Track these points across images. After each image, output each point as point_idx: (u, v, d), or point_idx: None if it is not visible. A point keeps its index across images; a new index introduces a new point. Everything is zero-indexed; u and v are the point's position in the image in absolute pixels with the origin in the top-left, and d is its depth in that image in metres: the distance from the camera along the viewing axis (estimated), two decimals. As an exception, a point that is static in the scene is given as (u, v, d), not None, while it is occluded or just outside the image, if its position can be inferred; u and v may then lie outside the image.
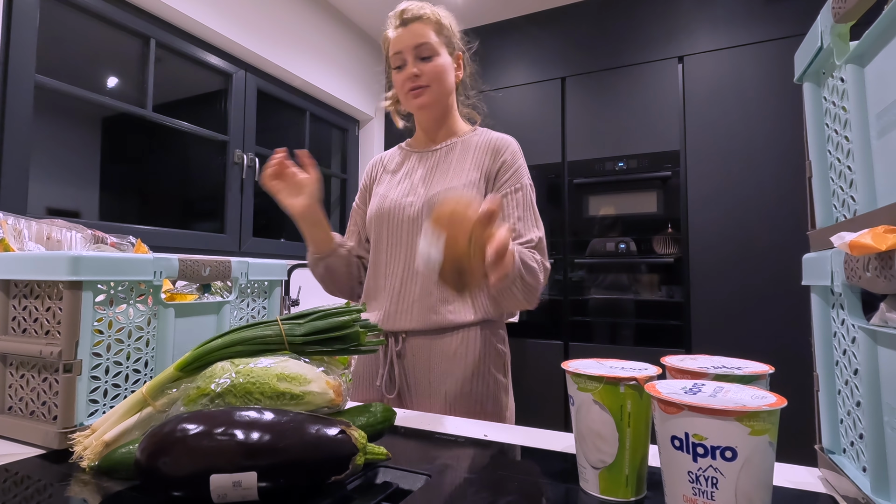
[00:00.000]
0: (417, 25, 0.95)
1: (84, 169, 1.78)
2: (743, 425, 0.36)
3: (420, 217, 0.94)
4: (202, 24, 1.99)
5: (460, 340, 0.92)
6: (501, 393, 0.94)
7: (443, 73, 0.96)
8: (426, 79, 0.95)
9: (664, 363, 0.53)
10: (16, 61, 1.47)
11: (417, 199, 0.95)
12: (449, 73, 0.98)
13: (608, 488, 0.47)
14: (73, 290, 0.60)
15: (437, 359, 0.92)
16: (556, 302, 2.41)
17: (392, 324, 0.93)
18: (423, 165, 1.01)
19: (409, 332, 0.93)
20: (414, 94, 0.96)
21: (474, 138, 1.01)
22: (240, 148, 2.26)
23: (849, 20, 0.45)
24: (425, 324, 0.92)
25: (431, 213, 0.62)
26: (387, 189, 1.02)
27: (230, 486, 0.43)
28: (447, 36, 0.98)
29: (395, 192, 1.00)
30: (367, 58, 3.00)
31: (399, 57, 0.96)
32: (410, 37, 0.94)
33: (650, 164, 2.26)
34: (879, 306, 0.40)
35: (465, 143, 1.00)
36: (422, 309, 0.92)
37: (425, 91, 0.96)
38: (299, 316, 0.63)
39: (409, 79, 0.96)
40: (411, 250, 0.94)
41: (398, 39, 0.96)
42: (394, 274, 0.96)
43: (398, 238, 0.96)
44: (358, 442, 0.48)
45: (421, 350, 0.93)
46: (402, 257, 0.95)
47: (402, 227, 0.96)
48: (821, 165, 0.53)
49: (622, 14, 2.38)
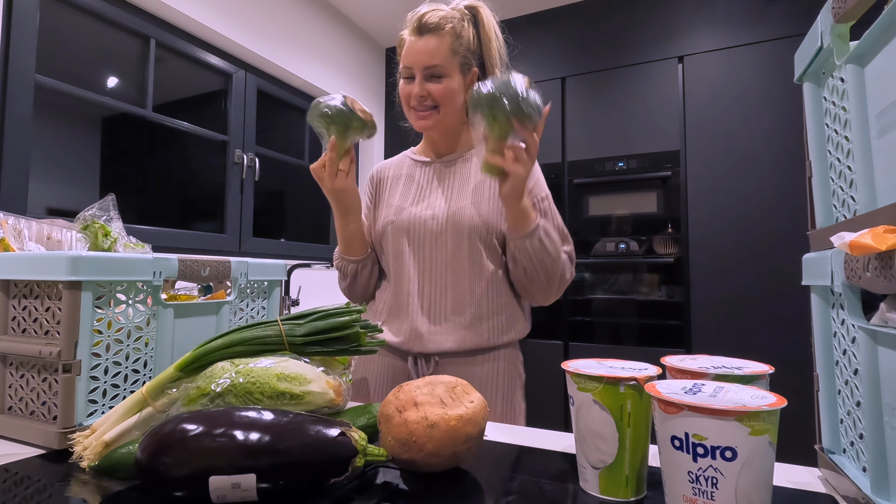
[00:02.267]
0: (432, 40, 0.88)
1: (84, 169, 1.77)
2: (743, 425, 0.36)
3: (443, 233, 0.91)
4: (202, 24, 1.99)
5: (491, 364, 0.90)
6: (520, 418, 0.93)
7: (451, 95, 0.91)
8: (432, 100, 0.91)
9: (664, 363, 0.53)
10: (16, 61, 1.47)
11: (440, 214, 0.92)
12: (458, 95, 0.92)
13: (608, 488, 0.47)
14: (72, 291, 0.60)
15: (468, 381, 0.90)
16: (556, 302, 2.39)
17: (423, 344, 0.89)
18: (439, 178, 0.97)
19: (443, 353, 0.89)
20: (419, 115, 0.93)
21: None
22: (240, 148, 2.26)
23: (849, 20, 0.45)
24: (461, 344, 0.88)
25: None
26: (401, 200, 0.97)
27: (229, 488, 0.43)
28: (464, 53, 0.91)
29: (412, 205, 0.95)
30: (368, 58, 3.00)
31: (408, 70, 0.91)
32: (422, 54, 0.89)
33: (650, 164, 2.26)
34: (879, 306, 0.40)
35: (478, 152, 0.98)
36: (456, 328, 0.89)
37: (431, 115, 0.92)
38: (299, 316, 0.63)
39: (415, 97, 0.91)
40: (437, 266, 0.91)
41: (410, 50, 0.90)
42: (421, 291, 0.91)
43: (422, 254, 0.92)
44: (358, 444, 0.48)
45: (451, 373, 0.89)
46: (428, 273, 0.91)
47: (424, 243, 0.92)
48: (821, 165, 0.53)
49: (622, 14, 2.39)
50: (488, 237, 0.90)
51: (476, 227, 0.90)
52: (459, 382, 0.56)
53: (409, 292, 0.92)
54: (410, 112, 0.94)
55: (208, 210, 2.21)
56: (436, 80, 0.90)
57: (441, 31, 0.89)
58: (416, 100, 0.91)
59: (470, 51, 0.92)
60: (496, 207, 0.91)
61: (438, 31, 0.89)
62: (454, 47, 0.90)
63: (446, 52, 0.89)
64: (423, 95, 0.91)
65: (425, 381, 0.55)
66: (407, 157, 1.05)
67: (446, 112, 0.92)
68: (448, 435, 0.50)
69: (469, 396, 0.54)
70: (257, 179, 2.32)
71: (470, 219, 0.90)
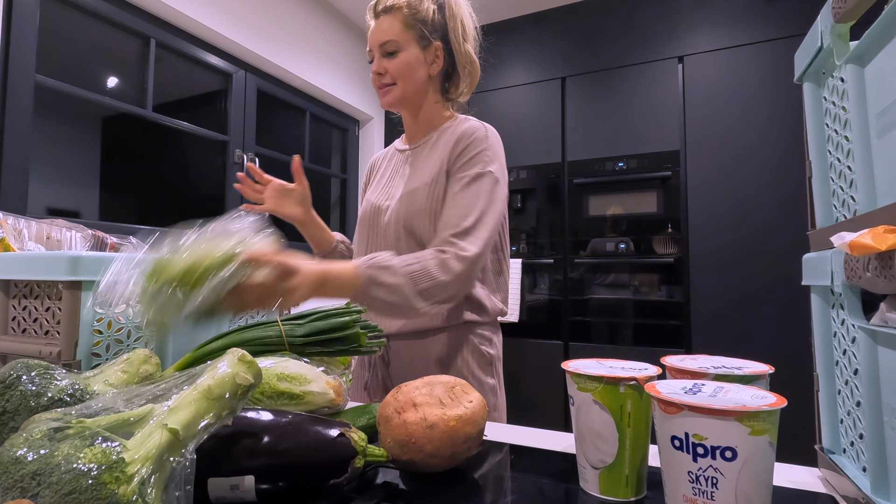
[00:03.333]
0: (386, 19, 0.92)
1: (84, 169, 1.77)
2: (743, 425, 0.36)
3: (391, 222, 0.91)
4: (202, 24, 1.99)
5: (443, 343, 0.91)
6: (488, 395, 0.92)
7: (407, 68, 0.92)
8: (389, 77, 0.93)
9: (664, 363, 0.53)
10: (16, 61, 1.47)
11: (392, 203, 0.93)
12: (416, 68, 0.93)
13: (608, 488, 0.47)
14: (72, 291, 0.60)
15: (420, 363, 0.91)
16: (556, 302, 2.41)
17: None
18: (401, 166, 1.00)
19: (392, 335, 0.92)
20: (381, 91, 0.95)
21: (449, 127, 0.96)
22: (240, 148, 2.26)
23: (849, 20, 0.45)
24: (406, 326, 0.91)
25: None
26: (371, 192, 1.01)
27: (228, 489, 0.43)
28: (420, 26, 0.92)
29: (375, 195, 0.99)
30: (367, 57, 3.00)
31: (370, 53, 0.95)
32: (376, 32, 0.92)
33: (650, 164, 2.26)
34: (879, 306, 0.40)
35: (441, 135, 0.96)
36: None
37: (391, 90, 0.94)
38: (299, 317, 0.63)
39: (373, 75, 0.95)
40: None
41: (370, 35, 0.94)
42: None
43: (376, 243, 0.95)
44: (358, 444, 0.48)
45: (404, 353, 0.92)
46: None
47: (378, 232, 0.94)
48: (821, 165, 0.53)
49: (622, 14, 2.38)
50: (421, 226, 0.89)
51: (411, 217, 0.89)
52: (458, 382, 0.56)
53: None
54: (379, 94, 0.96)
55: (208, 210, 2.21)
56: (390, 56, 0.93)
57: (394, 9, 0.91)
58: (374, 77, 0.95)
59: (429, 23, 0.93)
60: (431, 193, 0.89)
61: (392, 10, 0.92)
62: (407, 22, 0.91)
63: (399, 27, 0.91)
64: (379, 73, 0.94)
65: (424, 381, 0.55)
66: (393, 146, 1.08)
67: (405, 85, 0.94)
68: (447, 435, 0.50)
69: (468, 396, 0.54)
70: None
71: (406, 209, 0.90)
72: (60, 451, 0.32)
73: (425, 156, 0.95)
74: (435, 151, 0.94)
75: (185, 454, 0.36)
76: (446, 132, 0.95)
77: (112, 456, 0.33)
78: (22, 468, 0.31)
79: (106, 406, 0.38)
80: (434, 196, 0.89)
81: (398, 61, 0.92)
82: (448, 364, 0.91)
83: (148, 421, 0.36)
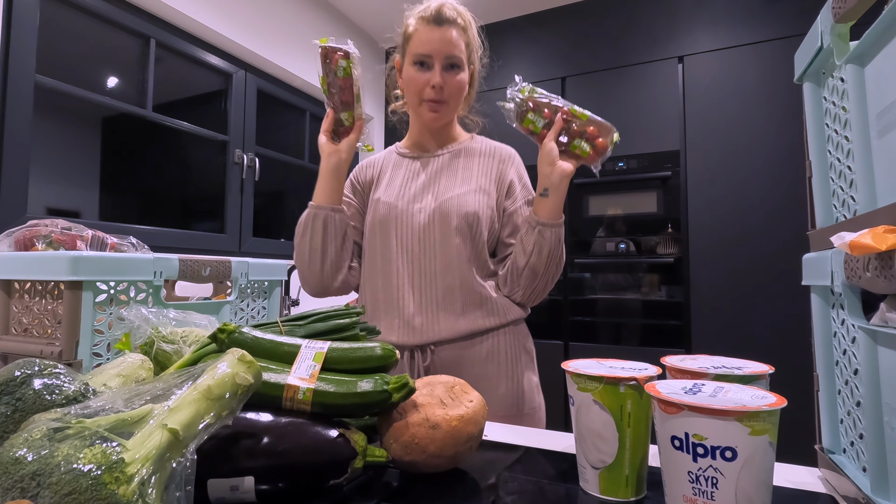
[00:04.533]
0: (452, 31, 0.88)
1: (84, 169, 1.77)
2: (743, 425, 0.36)
3: (431, 224, 0.90)
4: (202, 24, 1.99)
5: (491, 345, 0.90)
6: (535, 392, 0.93)
7: (462, 89, 0.92)
8: (447, 93, 0.90)
9: (664, 363, 0.53)
10: (16, 61, 1.47)
11: (426, 206, 0.92)
12: (465, 90, 0.94)
13: (608, 488, 0.47)
14: (73, 290, 0.60)
15: (467, 365, 0.89)
16: (556, 302, 2.41)
17: (418, 336, 0.88)
18: (426, 171, 0.97)
19: (438, 342, 0.88)
20: (431, 107, 0.91)
21: (475, 145, 1.00)
22: (240, 148, 2.26)
23: (849, 20, 0.45)
24: (454, 332, 0.88)
25: None
26: (387, 195, 0.96)
27: (227, 490, 0.43)
28: (470, 51, 0.93)
29: (399, 199, 0.95)
30: (367, 58, 3.00)
31: (425, 57, 0.89)
32: (445, 43, 0.87)
33: (650, 163, 2.26)
34: (879, 306, 0.40)
35: (468, 150, 0.99)
36: (448, 316, 0.88)
37: (443, 108, 0.92)
38: (299, 318, 0.63)
39: (431, 88, 0.89)
40: (425, 257, 0.90)
41: (430, 39, 0.88)
42: (410, 283, 0.90)
43: (408, 246, 0.91)
44: (358, 445, 0.48)
45: (451, 361, 0.89)
46: (417, 265, 0.90)
47: (412, 235, 0.91)
48: (821, 165, 0.53)
49: (622, 14, 2.38)
50: (477, 228, 0.91)
51: (463, 218, 0.90)
52: (457, 382, 0.56)
53: (397, 286, 0.91)
54: (422, 105, 0.92)
55: (208, 210, 2.21)
56: (454, 70, 0.90)
57: (459, 24, 0.89)
58: (435, 90, 0.89)
59: (472, 50, 0.94)
60: (482, 200, 0.92)
61: (456, 23, 0.89)
62: (466, 39, 0.91)
63: (462, 43, 0.90)
64: (440, 85, 0.89)
65: (423, 381, 0.56)
66: (393, 152, 1.05)
67: (455, 105, 0.93)
68: (450, 435, 0.50)
69: (468, 396, 0.54)
70: (257, 179, 2.32)
71: (458, 210, 0.90)
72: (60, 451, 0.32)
73: (462, 165, 0.96)
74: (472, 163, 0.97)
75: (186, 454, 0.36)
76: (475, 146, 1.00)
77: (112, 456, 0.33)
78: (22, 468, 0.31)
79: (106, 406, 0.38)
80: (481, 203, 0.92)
81: (459, 80, 0.90)
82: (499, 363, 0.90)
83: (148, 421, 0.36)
